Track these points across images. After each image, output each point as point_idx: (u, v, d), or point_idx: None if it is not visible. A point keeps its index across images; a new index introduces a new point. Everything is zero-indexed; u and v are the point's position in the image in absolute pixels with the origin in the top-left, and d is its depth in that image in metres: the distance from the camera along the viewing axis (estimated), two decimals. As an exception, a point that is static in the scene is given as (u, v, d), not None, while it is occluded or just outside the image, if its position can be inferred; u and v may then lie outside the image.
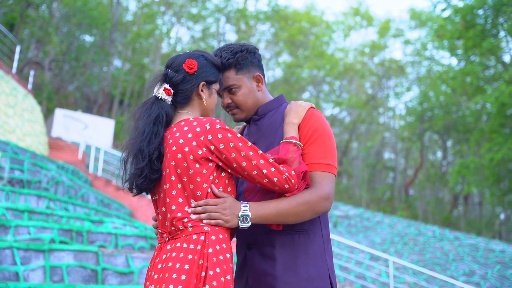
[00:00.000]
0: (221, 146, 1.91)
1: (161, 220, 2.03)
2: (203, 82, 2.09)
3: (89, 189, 10.47)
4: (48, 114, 29.20)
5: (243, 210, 1.97)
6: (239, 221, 1.97)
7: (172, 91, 2.06)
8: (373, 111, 39.78)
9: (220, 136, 1.91)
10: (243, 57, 2.22)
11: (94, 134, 22.71)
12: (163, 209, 2.00)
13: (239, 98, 2.23)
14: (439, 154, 41.11)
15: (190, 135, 1.93)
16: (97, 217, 7.73)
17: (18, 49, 17.28)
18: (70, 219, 6.94)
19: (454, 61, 34.91)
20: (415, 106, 36.22)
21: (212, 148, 1.91)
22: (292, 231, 2.11)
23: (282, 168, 1.95)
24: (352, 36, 43.49)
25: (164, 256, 1.91)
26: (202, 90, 2.09)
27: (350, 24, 41.83)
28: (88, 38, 35.71)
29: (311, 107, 2.22)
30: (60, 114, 23.05)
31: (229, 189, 2.02)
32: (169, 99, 2.06)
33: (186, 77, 2.06)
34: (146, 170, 1.98)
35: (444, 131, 33.53)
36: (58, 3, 29.34)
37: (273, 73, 43.26)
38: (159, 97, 2.06)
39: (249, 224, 1.97)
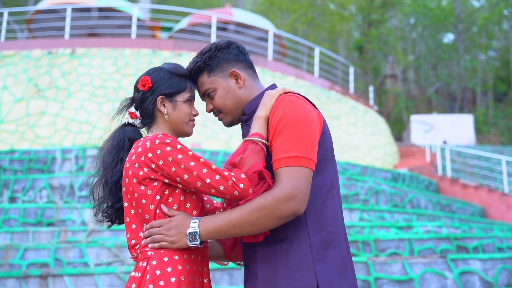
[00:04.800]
0: (161, 162, 1.79)
1: None
2: (161, 96, 1.96)
3: (420, 193, 10.31)
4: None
5: (192, 227, 1.78)
6: (188, 240, 1.78)
7: (136, 113, 2.01)
8: None
9: (158, 152, 1.79)
10: (211, 57, 2.00)
11: (452, 133, 22.29)
12: None
13: (217, 101, 2.01)
14: None
15: (134, 157, 1.85)
16: (404, 223, 7.58)
17: (351, 70, 18.47)
18: (372, 228, 7.03)
19: None
20: None
21: (153, 166, 1.80)
22: (274, 241, 1.83)
23: (228, 174, 1.74)
24: None
25: None
26: (163, 105, 1.97)
27: None
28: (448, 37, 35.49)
29: (284, 93, 1.91)
30: (415, 120, 23.50)
31: (187, 205, 1.87)
32: (137, 122, 2.02)
33: (144, 96, 1.98)
34: (111, 199, 1.96)
35: None
36: (397, 14, 30.17)
37: None
38: (127, 122, 2.02)
39: (198, 242, 1.78)
